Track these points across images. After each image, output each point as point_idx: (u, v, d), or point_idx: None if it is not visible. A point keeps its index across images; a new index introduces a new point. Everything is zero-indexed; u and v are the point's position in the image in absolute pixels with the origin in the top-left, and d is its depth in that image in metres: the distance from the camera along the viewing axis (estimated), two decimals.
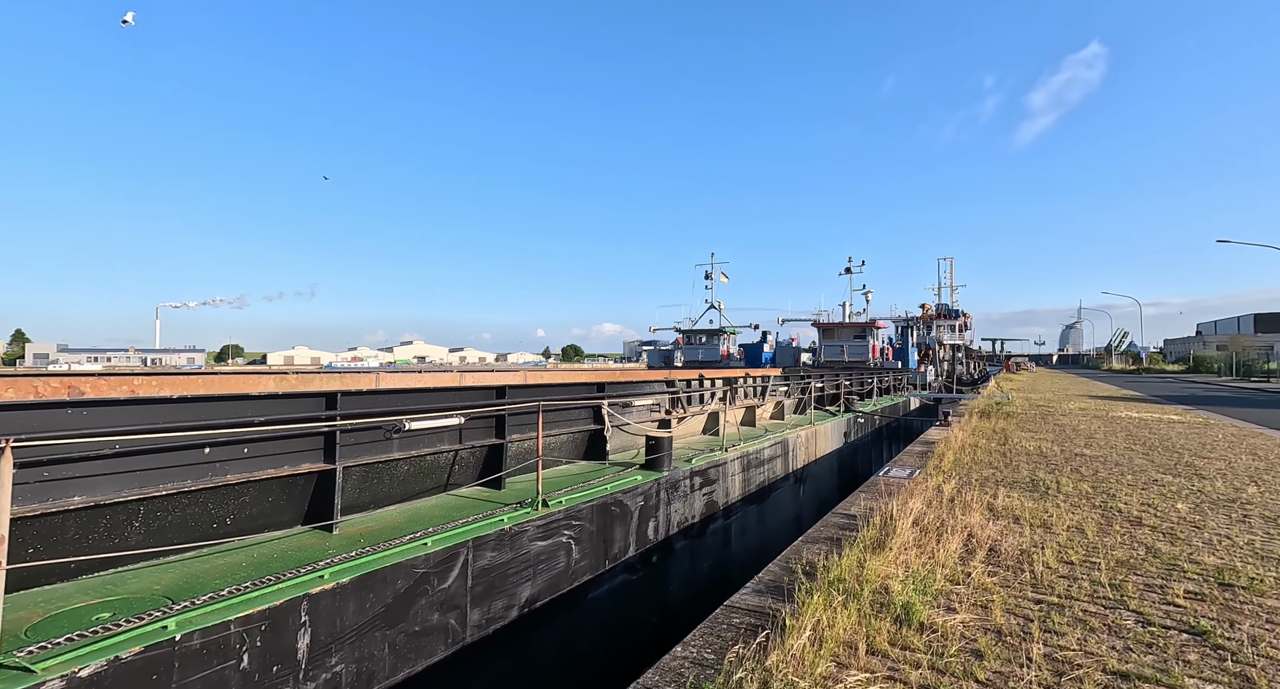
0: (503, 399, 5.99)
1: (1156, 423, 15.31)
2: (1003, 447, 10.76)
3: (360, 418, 4.46)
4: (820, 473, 13.00)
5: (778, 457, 10.60)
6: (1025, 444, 11.09)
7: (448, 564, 4.10)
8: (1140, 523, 5.85)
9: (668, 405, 9.41)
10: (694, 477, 7.67)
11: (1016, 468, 8.72)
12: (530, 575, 4.92)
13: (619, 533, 6.14)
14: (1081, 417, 16.66)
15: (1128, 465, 9.07)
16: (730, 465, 8.73)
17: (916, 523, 5.40)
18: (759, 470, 9.77)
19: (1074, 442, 11.62)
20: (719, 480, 8.37)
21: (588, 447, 7.57)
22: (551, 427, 6.90)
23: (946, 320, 54.54)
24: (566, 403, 6.73)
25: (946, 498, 6.58)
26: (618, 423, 7.83)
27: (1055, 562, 4.65)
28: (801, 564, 4.46)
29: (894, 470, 8.33)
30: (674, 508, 7.20)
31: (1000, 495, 6.82)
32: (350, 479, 4.60)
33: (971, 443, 11.04)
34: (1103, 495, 7.03)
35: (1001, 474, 8.21)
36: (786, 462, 11.07)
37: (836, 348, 34.15)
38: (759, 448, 9.79)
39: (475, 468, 5.93)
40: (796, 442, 11.55)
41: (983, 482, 7.67)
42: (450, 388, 5.56)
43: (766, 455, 10.11)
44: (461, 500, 5.44)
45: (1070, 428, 13.86)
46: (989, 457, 9.61)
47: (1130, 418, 16.49)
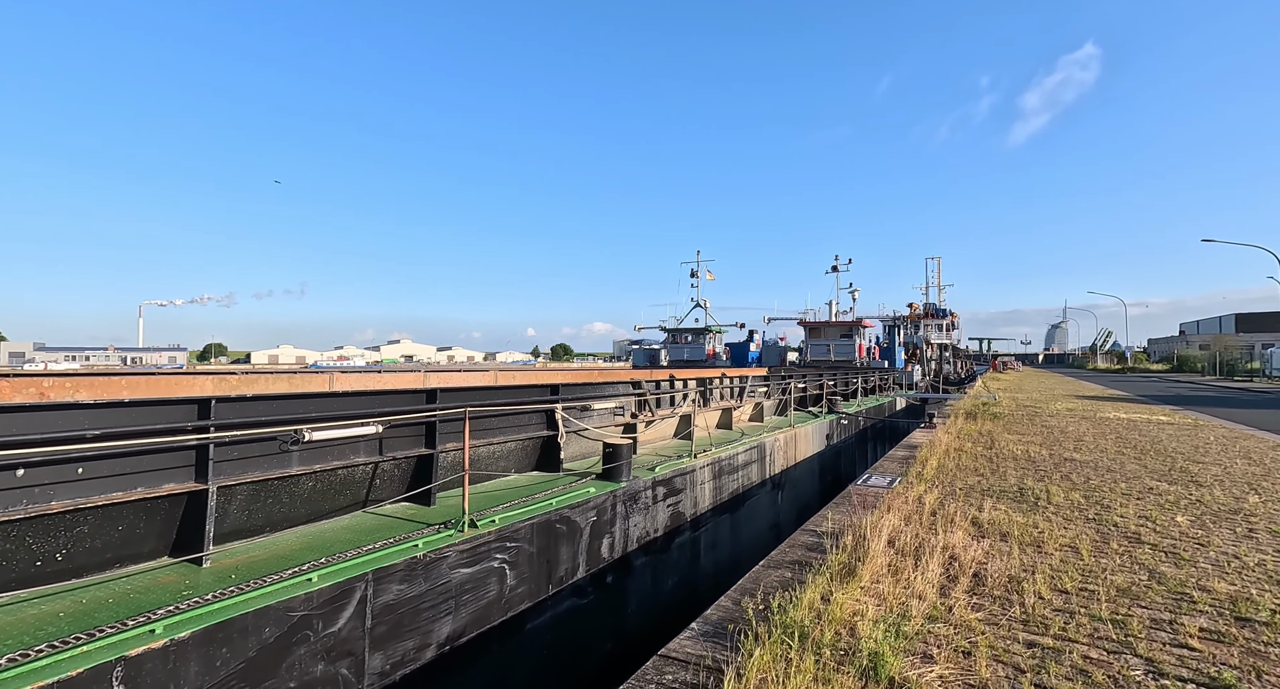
0: (433, 404, 5.33)
1: (1146, 424, 14.91)
2: (989, 451, 10.25)
3: (244, 428, 3.80)
4: (800, 478, 12.44)
5: (753, 462, 10.01)
6: (1013, 448, 10.59)
7: (338, 602, 3.46)
8: (1139, 540, 5.31)
9: (634, 408, 8.79)
10: (657, 487, 7.05)
11: (1004, 475, 8.19)
12: (452, 608, 4.27)
13: (566, 553, 5.50)
14: (1069, 418, 16.25)
15: (1120, 472, 8.57)
16: (699, 473, 8.12)
17: (892, 543, 4.82)
18: (732, 477, 9.17)
19: (1063, 445, 11.13)
20: (686, 490, 7.76)
21: (540, 455, 6.93)
22: (496, 434, 6.26)
23: (934, 320, 54.47)
24: (511, 407, 6.09)
25: (928, 511, 6.02)
26: (574, 428, 7.19)
27: (1048, 591, 4.08)
28: (757, 599, 3.86)
29: (873, 478, 7.76)
30: (633, 522, 6.58)
31: (986, 508, 6.27)
32: (235, 500, 3.94)
33: (957, 447, 10.52)
34: (1096, 507, 6.49)
35: (988, 482, 7.67)
36: (763, 467, 10.49)
37: (823, 347, 33.71)
38: (732, 453, 9.19)
39: (402, 481, 5.28)
40: (774, 445, 10.98)
41: (967, 491, 7.13)
42: (368, 392, 4.90)
43: (741, 461, 9.52)
44: (380, 520, 4.78)
45: (1059, 430, 13.41)
46: (975, 462, 9.09)
47: (1119, 419, 16.09)
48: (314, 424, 4.17)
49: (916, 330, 49.97)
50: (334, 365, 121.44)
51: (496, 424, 6.22)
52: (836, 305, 35.95)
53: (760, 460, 10.38)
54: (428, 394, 5.34)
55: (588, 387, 7.69)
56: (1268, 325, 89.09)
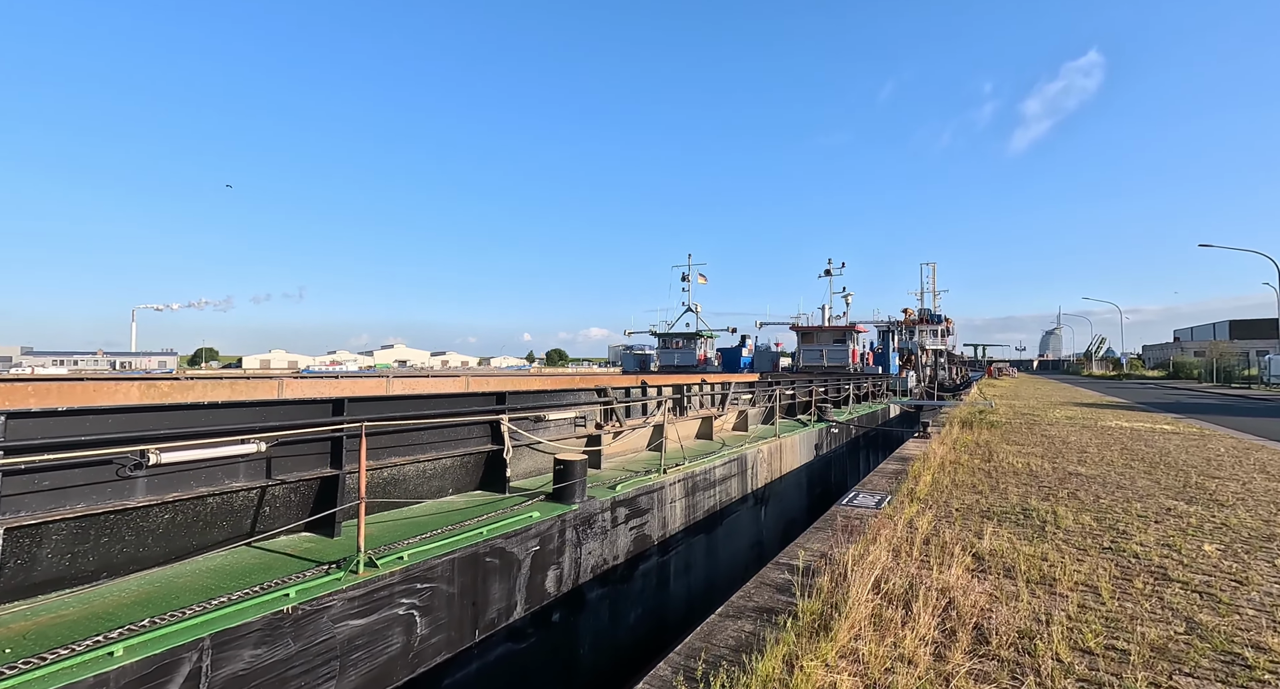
0: (339, 416, 4.53)
1: (1150, 434, 14.21)
2: (987, 464, 9.50)
3: (55, 450, 3.01)
4: (787, 491, 11.65)
5: (733, 476, 9.23)
6: (1012, 460, 9.85)
7: (154, 684, 2.66)
8: (1167, 576, 4.55)
9: (600, 419, 8.00)
10: (618, 507, 6.26)
11: (1004, 492, 7.43)
12: (335, 671, 3.47)
13: (499, 590, 4.70)
14: (1070, 426, 15.54)
15: (1131, 488, 7.82)
16: (669, 490, 7.33)
17: (878, 586, 4.04)
18: (708, 493, 8.38)
19: (1066, 457, 10.40)
20: (653, 509, 6.96)
21: (486, 473, 6.13)
22: (427, 449, 5.47)
23: (929, 325, 53.89)
24: (433, 421, 5.28)
25: (920, 539, 5.24)
26: (524, 442, 6.40)
27: (1068, 650, 3.30)
28: (701, 667, 3.07)
29: (860, 497, 6.99)
30: (587, 549, 5.79)
31: (987, 534, 5.50)
32: (48, 541, 3.14)
33: (953, 459, 9.78)
34: (1111, 532, 5.74)
35: (987, 501, 6.91)
36: (745, 480, 9.71)
37: (816, 352, 33.02)
38: (709, 467, 8.40)
39: (302, 509, 4.47)
40: (757, 457, 10.19)
41: (965, 512, 6.36)
42: (250, 403, 4.09)
43: (718, 475, 8.73)
44: (264, 558, 3.97)
45: (1060, 440, 12.68)
46: (972, 477, 8.33)
47: (1121, 428, 15.39)
48: (165, 443, 3.38)
49: (911, 336, 49.38)
50: (327, 371, 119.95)
51: (428, 438, 5.42)
52: (829, 310, 35.29)
53: (741, 474, 9.60)
54: (334, 405, 4.54)
55: (542, 395, 6.90)
56: (1262, 332, 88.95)
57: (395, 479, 5.15)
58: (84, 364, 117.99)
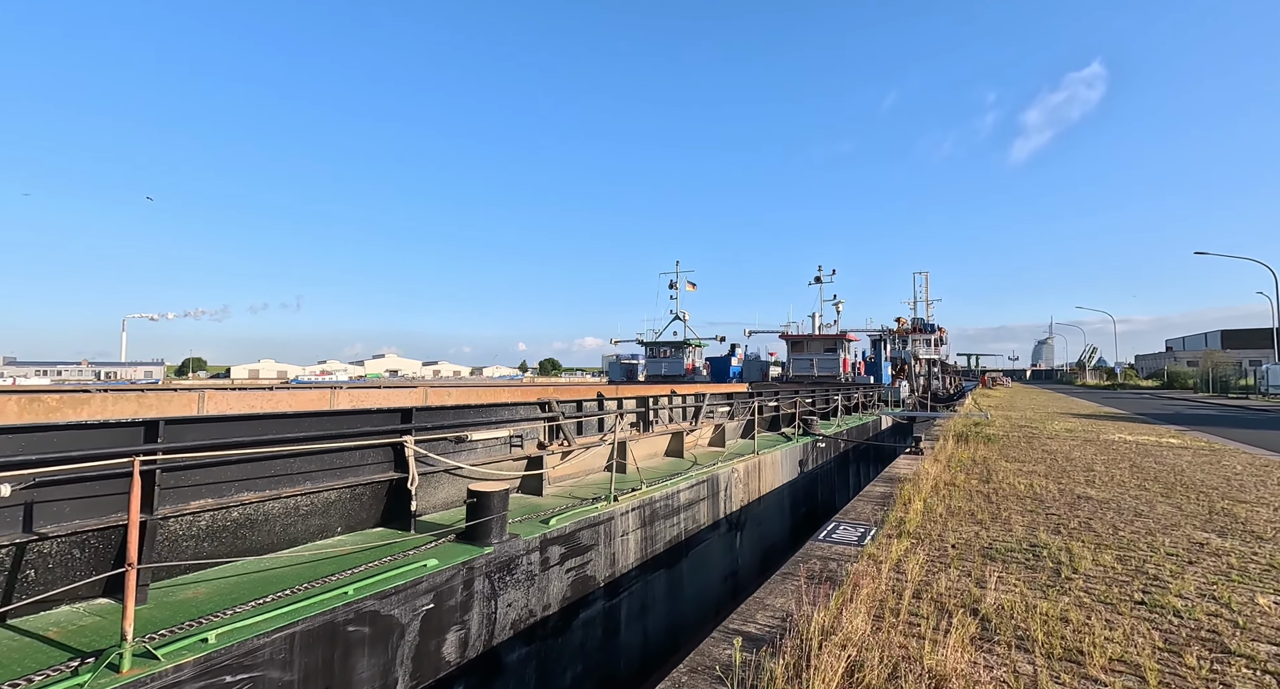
0: (153, 442, 3.50)
1: (1157, 448, 13.28)
2: (986, 486, 8.51)
3: None
4: (766, 514, 10.62)
5: (702, 499, 8.20)
6: (1013, 481, 8.87)
7: None
8: (1224, 648, 3.54)
9: (544, 437, 6.97)
10: (549, 546, 5.22)
11: (1007, 522, 6.44)
12: None
13: (368, 669, 3.65)
14: (1071, 440, 14.60)
15: (1152, 516, 6.85)
16: (621, 520, 6.30)
17: (853, 673, 3.02)
18: (670, 522, 7.35)
19: (1072, 476, 9.43)
20: (599, 545, 5.93)
21: (388, 506, 5.09)
22: (302, 480, 4.43)
23: (922, 334, 53.18)
24: (316, 445, 4.25)
25: (910, 591, 4.24)
26: (439, 468, 5.36)
27: None
28: None
29: (841, 530, 5.97)
30: (507, 600, 4.74)
31: (991, 581, 4.50)
32: None
33: (947, 480, 8.78)
34: (1141, 578, 4.74)
35: (988, 534, 5.91)
36: (716, 504, 8.68)
37: (806, 362, 32.11)
38: (671, 490, 7.38)
39: (96, 565, 3.41)
40: (732, 478, 9.17)
41: (963, 550, 5.36)
42: (23, 428, 3.07)
43: (684, 500, 7.70)
44: (14, 645, 2.91)
45: (1063, 456, 11.72)
46: (969, 502, 7.34)
47: (1126, 442, 14.47)
48: None
49: (905, 345, 48.60)
50: (316, 381, 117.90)
51: (301, 467, 4.37)
52: (820, 318, 34.44)
53: (712, 497, 8.57)
54: (146, 427, 3.51)
55: (466, 411, 5.86)
56: (1253, 342, 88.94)
57: (252, 520, 4.11)
58: (67, 374, 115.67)
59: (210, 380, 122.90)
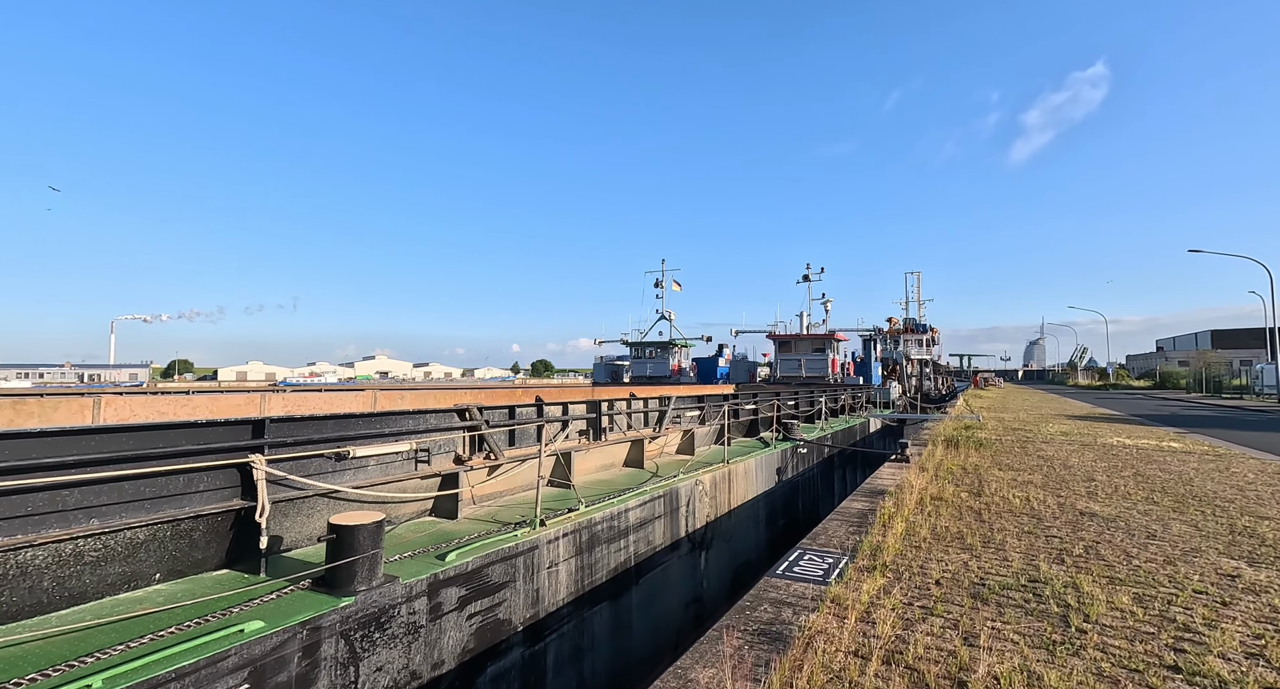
0: None
1: (1159, 453, 12.42)
2: (977, 500, 7.59)
3: None
4: (738, 529, 9.66)
5: (657, 517, 7.23)
6: (1008, 494, 7.95)
7: None
8: None
9: (464, 450, 5.98)
10: (443, 588, 4.24)
11: (1002, 548, 5.51)
12: None
13: None
14: (1067, 445, 13.74)
15: (1166, 537, 5.94)
16: (548, 549, 5.32)
17: None
18: (617, 545, 6.38)
19: (1072, 487, 8.53)
20: (516, 581, 4.95)
21: (237, 542, 4.09)
22: (112, 513, 3.43)
23: (914, 335, 52.47)
24: (80, 476, 3.24)
25: (880, 653, 3.29)
26: (307, 492, 4.36)
27: None
28: None
29: (806, 560, 5.01)
30: (375, 664, 3.76)
31: (983, 635, 3.56)
32: None
33: (935, 493, 7.86)
34: (1169, 628, 3.81)
35: (980, 566, 4.97)
36: (676, 522, 7.72)
37: (794, 362, 31.22)
38: (617, 509, 6.41)
39: None
40: (695, 491, 8.21)
41: (949, 589, 4.42)
42: None
43: (634, 519, 6.74)
44: None
45: (1060, 463, 10.84)
46: (958, 522, 6.41)
47: (1125, 446, 13.61)
48: None
49: (896, 346, 47.81)
50: (305, 383, 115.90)
51: (82, 498, 3.37)
52: (808, 317, 33.57)
53: (671, 513, 7.60)
54: None
55: (349, 421, 4.85)
56: (1243, 342, 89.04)
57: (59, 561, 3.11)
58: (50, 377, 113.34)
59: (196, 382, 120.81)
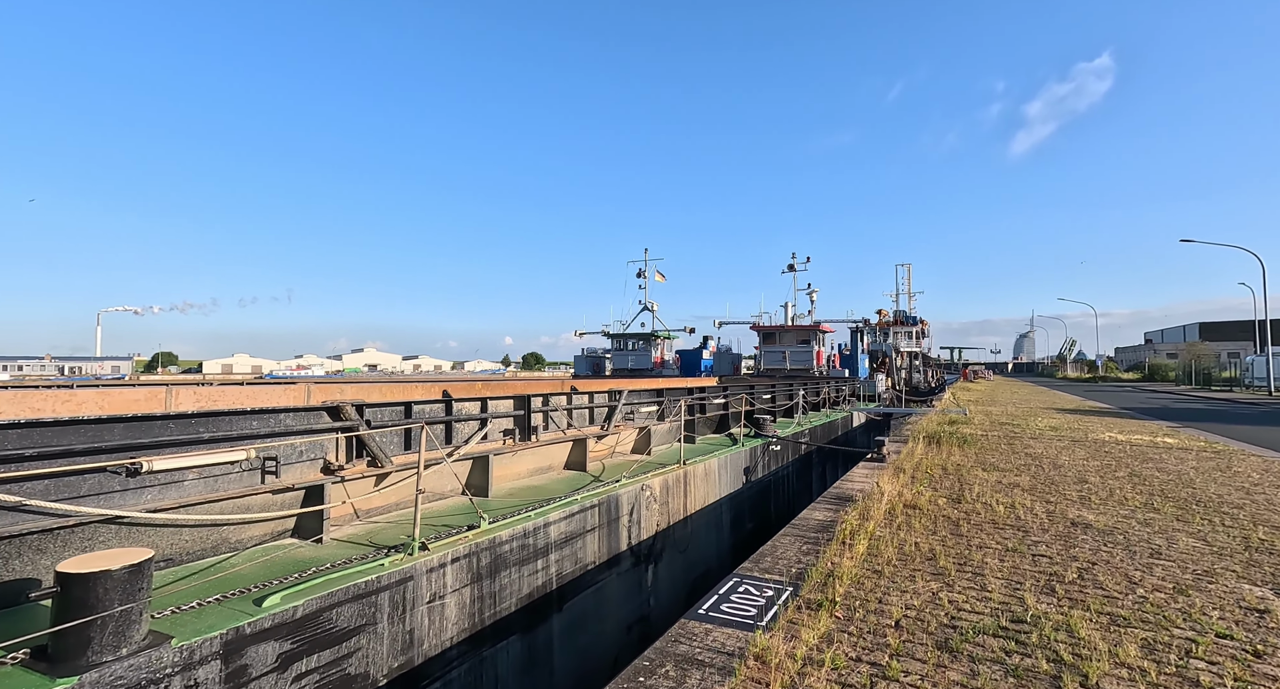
0: None
1: (1154, 450, 11.60)
2: (956, 508, 6.68)
3: None
4: (696, 537, 8.73)
5: (589, 530, 6.27)
6: (991, 500, 7.05)
7: None
8: None
9: (338, 457, 4.98)
10: (253, 645, 3.25)
11: (980, 572, 4.59)
12: None
13: None
14: (1057, 441, 12.90)
15: (1173, 554, 5.04)
16: (427, 580, 4.35)
17: None
18: (532, 567, 5.41)
19: (1062, 491, 7.64)
20: (377, 623, 3.97)
21: None
22: None
23: (903, 327, 51.78)
24: None
25: None
26: (72, 520, 3.35)
27: None
28: None
29: (739, 593, 4.06)
30: None
31: None
32: None
33: (909, 499, 6.94)
34: None
35: (951, 599, 4.05)
36: (615, 533, 6.77)
37: (778, 354, 30.35)
38: (534, 524, 5.44)
39: None
40: (641, 497, 7.26)
41: (911, 635, 3.48)
42: None
43: (558, 534, 5.77)
44: None
45: (1050, 462, 9.97)
46: (931, 538, 5.49)
47: (1117, 442, 12.79)
48: None
49: (886, 338, 47.07)
50: (292, 376, 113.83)
51: None
52: (793, 308, 32.66)
53: (609, 524, 6.65)
54: None
55: (141, 424, 3.82)
56: (1231, 334, 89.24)
57: None
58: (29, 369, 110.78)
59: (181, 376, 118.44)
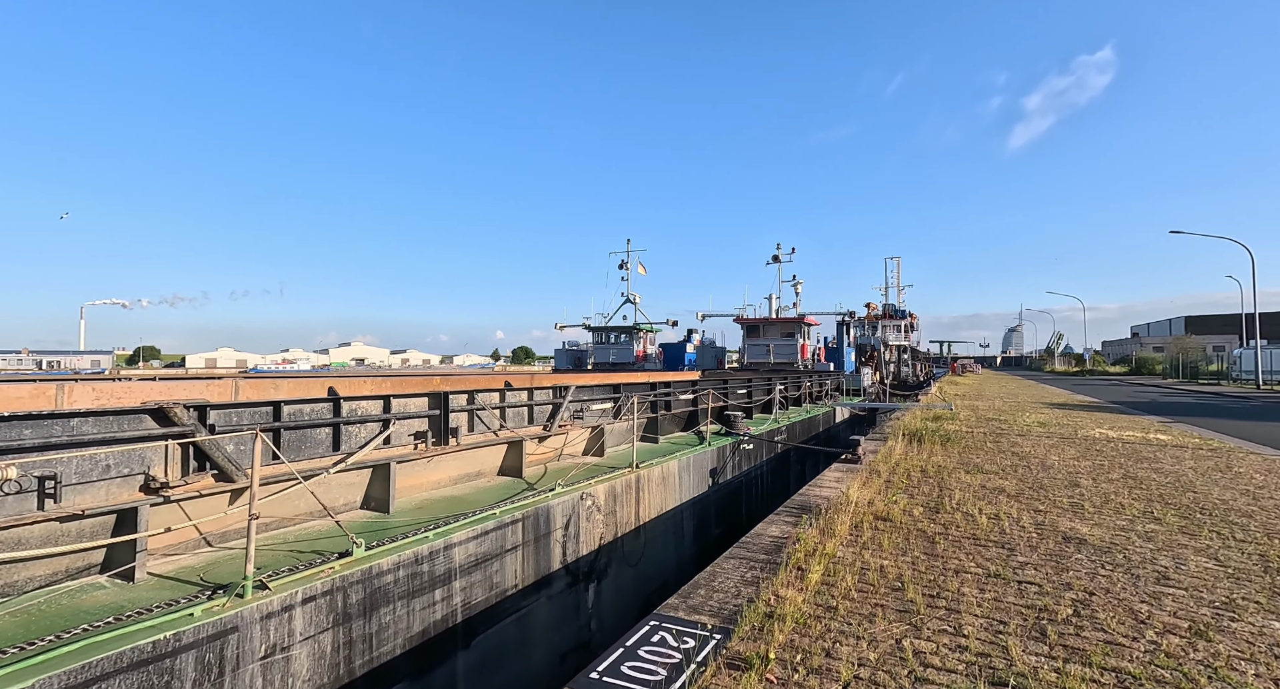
0: None
1: (1148, 449, 10.89)
2: (932, 521, 5.86)
3: None
4: (649, 549, 7.89)
5: (507, 550, 5.39)
6: (972, 509, 6.25)
7: None
8: None
9: (167, 471, 4.06)
10: None
11: (955, 610, 3.76)
12: None
13: None
14: (1046, 438, 12.17)
15: (1183, 579, 4.24)
16: (263, 630, 3.45)
17: None
18: (428, 599, 4.53)
19: (1052, 496, 6.86)
20: None
21: None
22: None
23: (892, 320, 51.25)
24: None
25: None
26: None
27: None
28: None
29: (647, 650, 3.19)
30: None
31: None
32: None
33: (880, 510, 6.12)
34: None
35: (918, 651, 3.21)
36: (545, 550, 5.90)
37: (761, 347, 29.53)
38: (428, 548, 4.55)
39: None
40: (579, 507, 6.39)
41: None
42: None
43: (463, 558, 4.89)
44: None
45: (1038, 463, 9.20)
46: (900, 559, 4.66)
47: (1109, 439, 12.07)
48: None
49: (875, 332, 46.48)
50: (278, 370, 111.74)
51: None
52: (778, 300, 31.85)
53: (539, 539, 5.78)
54: None
55: None
56: (1216, 328, 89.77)
57: None
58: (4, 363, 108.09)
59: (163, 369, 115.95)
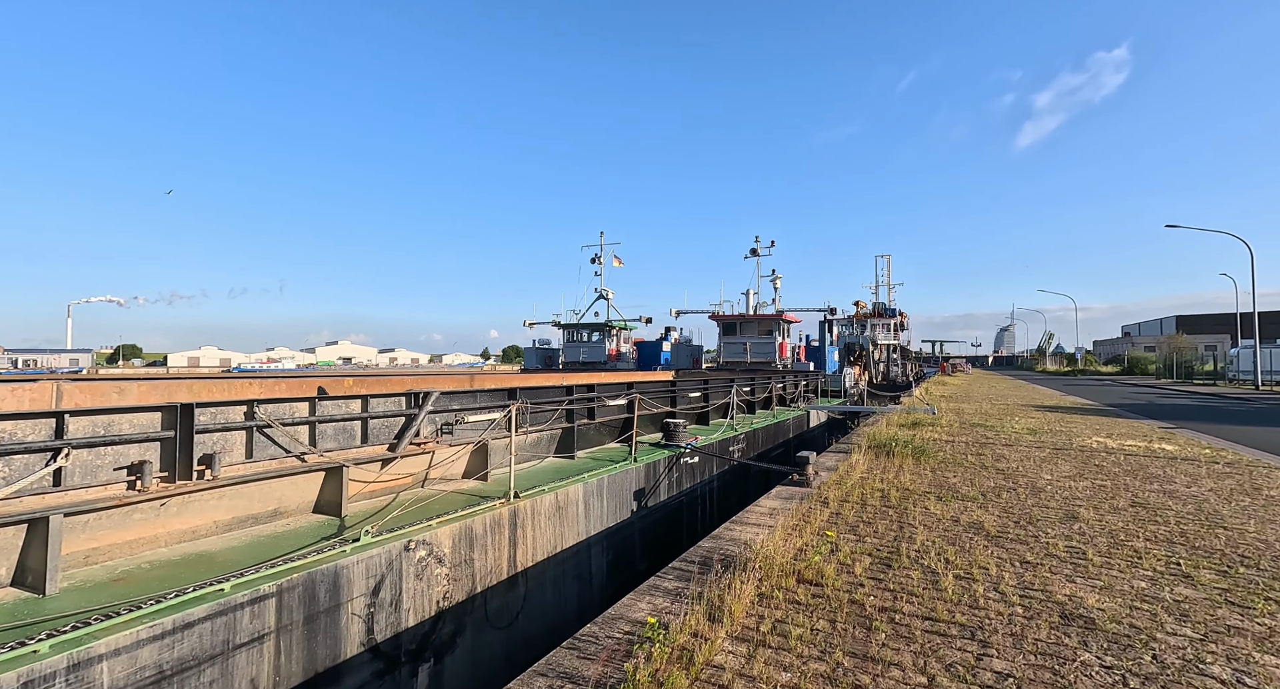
0: None
1: (1154, 463, 9.27)
2: (878, 581, 4.17)
3: None
4: (530, 601, 6.16)
5: (238, 647, 3.66)
6: (935, 561, 4.57)
7: None
8: None
9: None
10: None
11: None
12: None
13: None
14: (1036, 449, 10.54)
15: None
16: None
17: None
18: None
19: (1044, 538, 5.19)
20: None
21: None
22: None
23: (881, 319, 49.70)
24: None
25: None
26: None
27: None
28: None
29: None
30: None
31: None
32: None
33: (807, 567, 4.42)
34: None
35: None
36: (332, 633, 4.18)
37: (738, 345, 27.89)
38: (44, 667, 2.81)
39: None
40: (400, 562, 4.67)
41: None
42: None
43: (123, 677, 3.15)
44: None
45: (1027, 484, 7.55)
46: (809, 676, 2.97)
47: (1108, 450, 10.46)
48: None
49: (864, 330, 44.97)
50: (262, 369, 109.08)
51: None
52: (756, 296, 30.19)
53: (310, 621, 4.06)
54: None
55: None
56: (1207, 327, 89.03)
57: None
58: None
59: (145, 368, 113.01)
